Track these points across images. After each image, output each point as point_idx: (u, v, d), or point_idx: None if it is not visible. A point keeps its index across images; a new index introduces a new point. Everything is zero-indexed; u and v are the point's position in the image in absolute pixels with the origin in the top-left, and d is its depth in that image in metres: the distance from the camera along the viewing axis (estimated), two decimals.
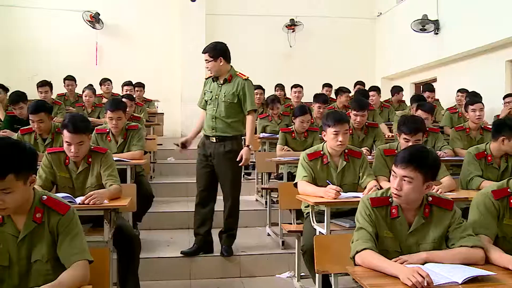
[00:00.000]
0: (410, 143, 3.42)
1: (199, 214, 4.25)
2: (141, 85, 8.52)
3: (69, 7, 10.22)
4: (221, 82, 4.13)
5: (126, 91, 7.76)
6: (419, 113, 5.08)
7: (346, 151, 3.56)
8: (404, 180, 2.23)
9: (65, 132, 3.20)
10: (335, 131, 3.44)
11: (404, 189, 2.24)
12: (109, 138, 4.53)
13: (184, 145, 4.31)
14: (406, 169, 2.22)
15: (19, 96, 5.49)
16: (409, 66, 10.02)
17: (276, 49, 10.95)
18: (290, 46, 10.99)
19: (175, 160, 7.67)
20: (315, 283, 3.01)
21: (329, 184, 3.26)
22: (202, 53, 4.13)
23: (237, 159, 4.06)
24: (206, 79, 4.32)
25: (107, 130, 4.54)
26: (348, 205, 3.20)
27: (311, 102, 6.67)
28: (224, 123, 4.10)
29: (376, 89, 7.51)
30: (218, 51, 4.08)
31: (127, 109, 4.97)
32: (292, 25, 10.88)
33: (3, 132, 5.10)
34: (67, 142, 3.21)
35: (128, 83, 8.05)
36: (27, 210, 2.05)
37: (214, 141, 4.13)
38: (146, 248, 4.25)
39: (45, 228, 2.07)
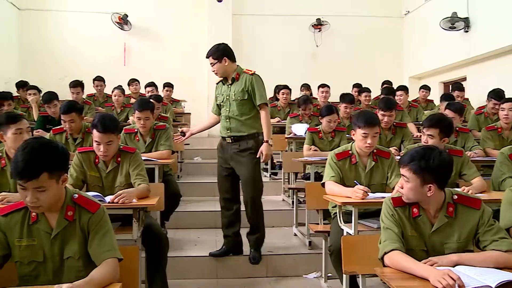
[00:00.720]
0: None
1: (225, 217, 4.24)
2: (170, 85, 8.62)
3: (98, 10, 10.42)
4: (230, 82, 4.09)
5: (148, 92, 7.86)
6: (447, 112, 5.01)
7: (375, 151, 3.53)
8: (404, 179, 2.27)
9: (94, 131, 3.26)
10: (364, 133, 3.40)
11: (404, 188, 2.28)
12: (137, 138, 4.60)
13: (183, 133, 4.35)
14: (403, 169, 2.29)
15: (52, 95, 5.68)
16: (438, 65, 9.85)
17: (302, 49, 10.92)
18: (317, 46, 10.94)
19: (202, 159, 7.73)
20: (342, 284, 2.99)
21: (357, 184, 3.23)
22: (206, 58, 4.13)
23: (257, 156, 4.00)
24: (217, 83, 4.29)
25: (136, 130, 4.61)
26: (376, 205, 3.15)
27: (338, 102, 6.63)
28: (237, 121, 4.05)
29: (403, 88, 7.41)
30: (220, 52, 4.04)
31: (154, 111, 5.03)
32: (318, 24, 10.82)
33: (36, 132, 5.22)
34: (96, 141, 3.27)
35: (151, 84, 8.14)
36: (59, 208, 2.10)
37: (230, 141, 4.09)
38: (173, 247, 4.29)
39: (76, 226, 2.11)
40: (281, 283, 4.09)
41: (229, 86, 4.09)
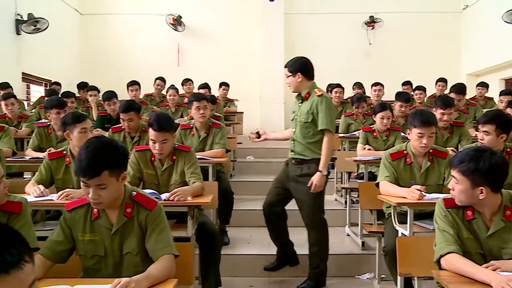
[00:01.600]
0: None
1: (270, 230, 4.05)
2: (226, 85, 8.75)
3: (153, 12, 10.72)
4: (300, 100, 3.83)
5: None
6: (509, 111, 4.81)
7: (431, 151, 3.44)
8: (454, 181, 2.20)
9: (150, 130, 3.35)
10: (420, 133, 3.33)
11: (455, 190, 2.20)
12: (192, 133, 4.72)
13: (259, 135, 4.14)
14: (453, 170, 2.20)
15: (112, 93, 5.97)
16: (499, 61, 9.42)
17: (355, 47, 10.80)
18: (370, 44, 10.78)
19: (254, 158, 7.78)
20: (396, 286, 2.94)
21: (413, 184, 3.16)
22: (284, 67, 3.88)
23: (308, 185, 3.68)
24: (295, 98, 3.94)
25: (191, 126, 4.74)
26: (432, 206, 3.04)
27: (392, 101, 6.50)
28: (301, 145, 3.76)
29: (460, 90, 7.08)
30: (297, 66, 3.74)
31: (209, 111, 5.13)
32: (371, 22, 10.65)
33: (95, 131, 5.43)
34: (152, 140, 3.36)
35: (204, 86, 8.28)
36: (119, 205, 2.18)
37: (294, 163, 3.83)
38: (226, 245, 4.37)
39: (134, 223, 2.18)
40: (333, 283, 4.05)
41: (300, 105, 3.83)
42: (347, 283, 4.11)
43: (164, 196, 3.07)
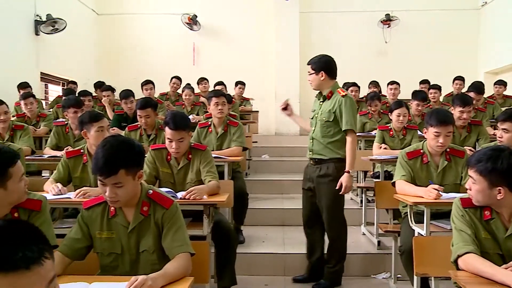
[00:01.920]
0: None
1: (307, 238, 4.00)
2: (242, 83, 8.78)
3: (169, 11, 10.77)
4: (322, 99, 3.78)
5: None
6: None
7: (448, 150, 3.41)
8: (471, 181, 2.17)
9: (166, 129, 3.36)
10: (436, 132, 3.30)
11: (472, 190, 2.17)
12: (210, 130, 4.77)
13: (286, 107, 4.05)
14: (470, 170, 2.18)
15: (129, 91, 6.03)
16: None
17: (370, 46, 10.73)
18: (386, 42, 10.69)
19: (269, 157, 7.78)
20: (413, 286, 2.92)
21: (430, 184, 3.14)
22: (307, 64, 3.84)
23: (336, 187, 3.64)
24: (316, 96, 3.91)
25: (209, 123, 4.78)
26: (449, 206, 3.01)
27: (408, 100, 6.45)
28: (320, 144, 3.73)
29: (479, 90, 6.99)
30: (320, 64, 3.70)
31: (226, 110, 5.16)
32: (387, 20, 10.57)
33: (112, 129, 5.48)
34: (168, 138, 3.38)
35: (220, 83, 8.31)
36: (135, 203, 2.19)
37: (312, 164, 3.83)
38: (242, 243, 4.38)
39: (151, 221, 2.20)
40: (349, 283, 4.03)
41: (321, 103, 3.79)
42: (363, 282, 4.09)
43: (180, 194, 3.09)
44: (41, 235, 1.16)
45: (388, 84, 7.57)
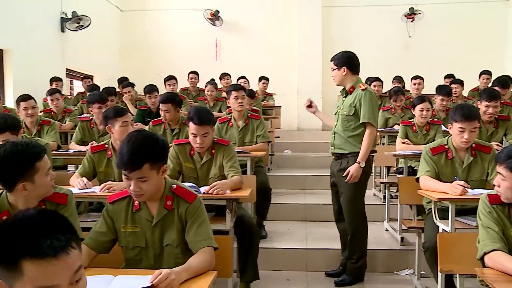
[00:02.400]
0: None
1: (340, 233, 4.01)
2: (266, 79, 8.78)
3: (191, 7, 10.81)
4: (344, 95, 3.83)
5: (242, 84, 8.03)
6: None
7: (474, 145, 3.35)
8: (501, 178, 2.13)
9: (190, 124, 3.39)
10: (461, 128, 3.25)
11: (501, 187, 2.14)
12: (231, 124, 4.80)
13: (310, 105, 4.05)
14: (500, 167, 2.15)
15: (153, 86, 6.13)
16: None
17: (394, 40, 10.58)
18: (409, 36, 10.51)
19: (291, 153, 7.77)
20: (437, 283, 2.88)
21: (456, 180, 3.10)
22: (330, 61, 3.85)
23: (343, 175, 3.69)
24: (340, 92, 3.93)
25: (229, 118, 4.81)
26: (474, 202, 2.99)
27: (432, 94, 6.36)
28: (341, 138, 3.76)
29: (505, 84, 6.84)
30: (342, 60, 3.73)
31: (248, 105, 5.18)
32: (411, 14, 10.40)
33: (135, 125, 5.54)
34: (192, 133, 3.40)
35: (243, 77, 8.31)
36: (159, 197, 2.21)
37: (334, 159, 3.87)
38: (264, 238, 4.38)
39: (174, 215, 2.22)
40: (372, 279, 4.01)
41: (344, 99, 3.82)
42: (386, 279, 4.06)
43: (203, 189, 3.11)
44: (69, 225, 1.20)
45: (411, 78, 7.46)
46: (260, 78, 8.78)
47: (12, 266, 1.11)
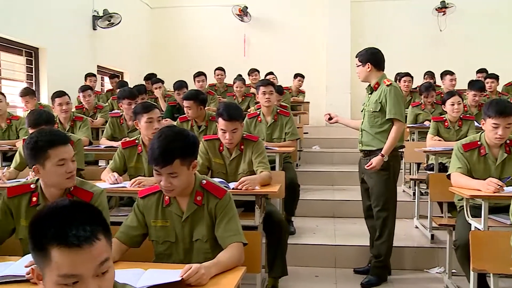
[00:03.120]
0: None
1: (369, 230, 3.97)
2: (302, 76, 8.78)
3: (220, 3, 10.86)
4: (369, 91, 3.81)
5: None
6: None
7: (508, 141, 3.27)
8: None
9: (220, 120, 3.40)
10: (495, 124, 3.17)
11: None
12: (259, 119, 4.80)
13: (330, 118, 4.08)
14: None
15: (183, 83, 6.19)
16: None
17: (424, 35, 10.38)
18: (440, 30, 10.30)
19: (320, 149, 7.74)
20: (469, 282, 2.83)
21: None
22: (355, 57, 3.85)
23: (366, 165, 3.67)
24: (366, 88, 3.92)
25: (258, 113, 4.82)
26: (509, 200, 2.94)
27: (464, 90, 6.23)
28: (368, 135, 3.76)
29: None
30: (367, 56, 3.71)
31: (276, 102, 5.17)
32: (443, 7, 10.17)
33: (164, 120, 5.60)
34: (222, 129, 3.41)
35: (270, 73, 8.31)
36: (189, 193, 2.23)
37: (362, 156, 3.86)
38: (292, 234, 4.38)
39: (204, 210, 2.23)
40: (401, 276, 3.98)
41: (369, 96, 3.80)
42: (416, 276, 4.01)
43: (232, 185, 3.13)
44: (99, 217, 1.23)
45: (446, 74, 7.30)
46: (296, 75, 8.79)
47: (42, 252, 1.16)
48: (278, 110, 4.82)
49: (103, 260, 1.19)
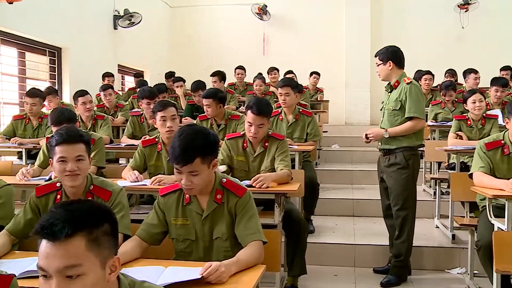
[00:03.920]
0: None
1: (388, 229, 3.95)
2: (317, 74, 8.75)
3: (239, 2, 10.86)
4: (389, 90, 3.78)
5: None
6: None
7: None
8: None
9: (248, 112, 3.43)
10: None
11: None
12: (281, 118, 4.80)
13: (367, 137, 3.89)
14: None
15: (199, 84, 6.11)
16: None
17: (446, 32, 10.24)
18: (462, 28, 10.13)
19: (339, 147, 7.71)
20: (492, 283, 2.79)
21: None
22: (374, 56, 3.83)
23: (367, 133, 3.69)
24: (385, 87, 3.89)
25: (279, 111, 4.81)
26: None
27: (486, 88, 6.13)
28: None
29: None
30: (388, 54, 3.68)
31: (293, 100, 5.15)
32: (465, 4, 10.01)
33: (184, 119, 5.64)
34: (249, 122, 3.44)
35: (289, 72, 8.30)
36: (210, 191, 2.24)
37: (381, 155, 3.83)
38: (312, 233, 4.37)
39: (224, 209, 2.24)
40: (422, 276, 3.94)
41: (389, 94, 3.78)
42: (436, 277, 3.97)
43: (246, 183, 3.12)
44: (89, 224, 1.27)
45: (466, 72, 7.18)
46: (311, 73, 8.76)
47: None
48: (301, 110, 4.80)
49: (72, 265, 1.22)
